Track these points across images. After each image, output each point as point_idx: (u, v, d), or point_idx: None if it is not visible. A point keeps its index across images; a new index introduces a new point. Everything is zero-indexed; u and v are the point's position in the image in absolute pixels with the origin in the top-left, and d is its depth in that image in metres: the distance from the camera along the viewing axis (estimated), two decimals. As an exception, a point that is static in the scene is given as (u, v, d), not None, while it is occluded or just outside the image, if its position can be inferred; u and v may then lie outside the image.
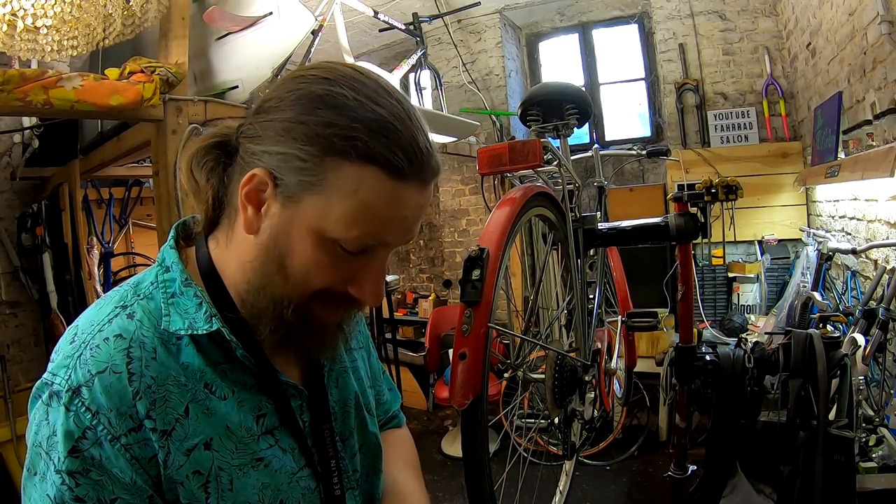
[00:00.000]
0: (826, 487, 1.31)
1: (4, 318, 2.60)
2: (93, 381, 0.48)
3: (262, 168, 0.50)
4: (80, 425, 0.47)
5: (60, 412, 0.48)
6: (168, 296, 0.54)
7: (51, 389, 0.49)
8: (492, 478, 0.92)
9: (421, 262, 4.72)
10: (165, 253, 0.57)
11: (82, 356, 0.49)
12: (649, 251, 2.89)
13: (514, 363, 1.22)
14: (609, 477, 2.82)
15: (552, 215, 1.28)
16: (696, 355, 1.61)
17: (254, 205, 0.51)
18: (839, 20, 2.19)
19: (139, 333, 0.51)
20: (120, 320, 0.52)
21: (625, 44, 3.88)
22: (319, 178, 0.48)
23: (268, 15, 1.92)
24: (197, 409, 0.52)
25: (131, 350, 0.50)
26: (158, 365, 0.51)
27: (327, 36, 2.66)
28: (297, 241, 0.51)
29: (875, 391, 1.73)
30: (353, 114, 0.48)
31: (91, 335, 0.51)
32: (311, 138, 0.48)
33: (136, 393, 0.49)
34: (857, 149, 1.96)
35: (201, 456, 0.51)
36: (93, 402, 0.48)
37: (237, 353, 0.54)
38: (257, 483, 0.54)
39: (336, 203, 0.49)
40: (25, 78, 1.33)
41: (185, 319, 0.53)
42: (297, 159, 0.48)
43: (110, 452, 0.47)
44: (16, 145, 2.62)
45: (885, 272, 1.80)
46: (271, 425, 0.56)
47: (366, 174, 0.48)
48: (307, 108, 0.49)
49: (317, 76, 0.50)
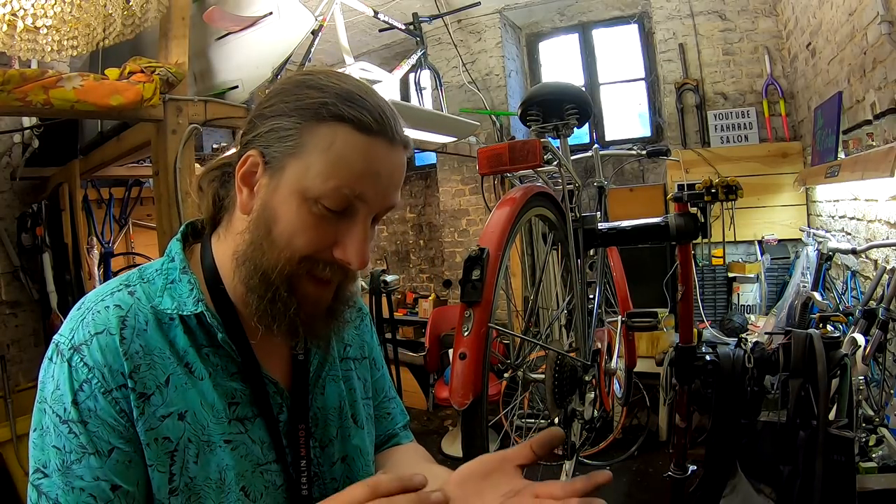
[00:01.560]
0: (826, 487, 1.31)
1: (4, 318, 2.60)
2: (91, 340, 0.54)
3: (255, 149, 0.57)
4: (79, 379, 0.53)
5: (64, 367, 0.53)
6: (168, 281, 0.60)
7: (57, 348, 0.55)
8: (492, 478, 0.91)
9: (421, 262, 4.72)
10: (172, 245, 0.63)
11: (84, 319, 0.55)
12: (649, 251, 2.89)
13: (514, 363, 1.22)
14: (609, 477, 2.82)
15: (552, 215, 1.28)
16: (696, 355, 1.61)
17: (248, 186, 0.57)
18: (839, 20, 2.19)
19: (135, 307, 0.57)
20: (121, 294, 0.58)
21: (625, 44, 3.88)
22: (298, 143, 0.54)
23: (268, 15, 1.92)
24: (176, 381, 0.56)
25: (126, 319, 0.55)
26: (148, 336, 0.56)
27: (327, 36, 2.66)
28: (282, 205, 0.55)
29: (875, 391, 1.73)
30: (325, 88, 0.55)
31: (95, 303, 0.57)
32: (291, 111, 0.55)
33: (125, 353, 0.54)
34: (857, 149, 1.96)
35: (174, 424, 0.55)
36: (90, 359, 0.53)
37: (218, 338, 0.58)
38: (221, 462, 0.56)
39: (314, 161, 0.54)
40: (25, 78, 1.33)
41: (176, 301, 0.58)
42: (281, 130, 0.55)
43: (103, 404, 0.52)
44: (16, 145, 2.62)
45: (885, 272, 1.80)
46: (243, 414, 0.59)
47: (338, 130, 0.54)
48: (289, 92, 0.56)
49: (297, 73, 0.60)
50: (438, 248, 4.50)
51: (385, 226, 4.85)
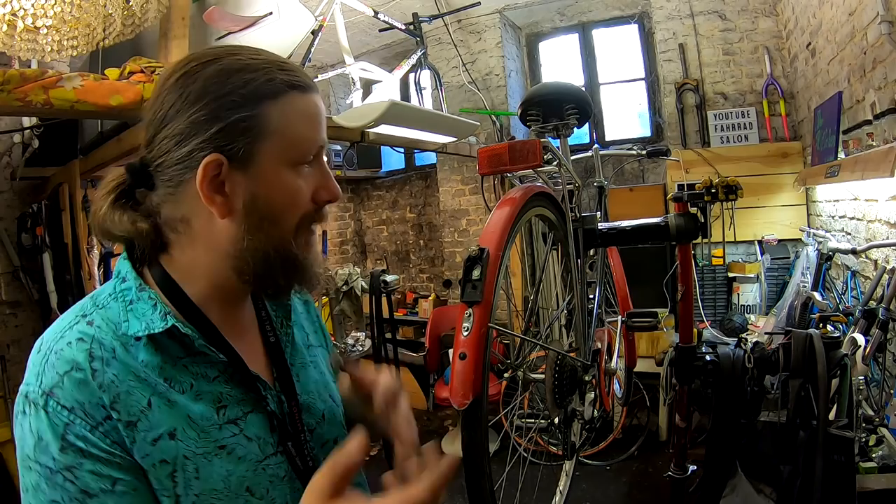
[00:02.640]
0: (826, 487, 1.31)
1: (4, 318, 2.60)
2: (62, 380, 0.51)
3: (209, 156, 0.54)
4: (61, 423, 0.50)
5: (41, 416, 0.50)
6: (126, 303, 0.57)
7: (27, 399, 0.52)
8: (492, 478, 0.92)
9: (421, 262, 4.72)
10: (120, 265, 0.60)
11: (48, 361, 0.52)
12: (649, 251, 2.89)
13: (514, 363, 1.22)
14: (609, 477, 2.82)
15: (552, 215, 1.28)
16: (696, 355, 1.61)
17: (218, 192, 0.56)
18: (839, 20, 2.19)
19: (98, 336, 0.54)
20: (80, 326, 0.55)
21: (625, 44, 3.88)
22: (263, 125, 0.55)
23: (268, 15, 1.92)
24: (159, 401, 0.54)
25: (92, 350, 0.53)
26: (118, 363, 0.54)
27: (327, 36, 2.66)
28: (272, 186, 0.57)
29: (875, 391, 1.73)
30: (257, 66, 0.56)
31: (55, 342, 0.54)
32: (243, 100, 0.55)
33: (101, 386, 0.52)
34: (857, 149, 1.96)
35: (167, 445, 0.53)
36: (66, 400, 0.51)
37: (196, 345, 0.57)
38: (222, 470, 0.56)
39: (288, 132, 0.57)
40: (25, 78, 1.33)
41: (142, 321, 0.56)
42: (239, 123, 0.55)
43: (95, 440, 0.51)
44: (16, 145, 2.62)
45: (885, 272, 1.80)
46: (234, 416, 0.59)
47: (290, 99, 0.57)
48: (219, 84, 0.55)
49: (198, 64, 0.56)
50: (438, 248, 4.50)
51: (385, 226, 4.85)
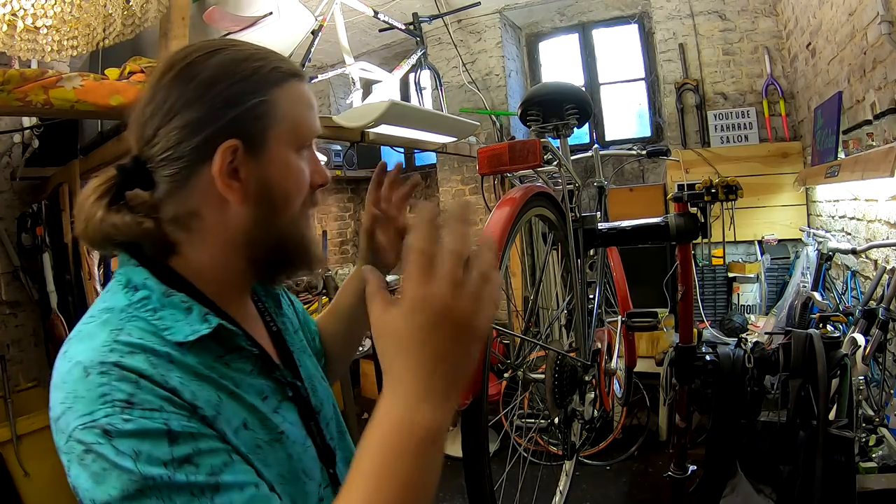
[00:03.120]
0: (826, 487, 1.31)
1: (4, 318, 2.60)
2: (137, 387, 0.47)
3: (227, 142, 0.54)
4: (161, 421, 0.46)
5: (129, 429, 0.45)
6: (151, 312, 0.53)
7: (95, 430, 0.45)
8: (492, 478, 0.92)
9: (421, 262, 4.71)
10: (131, 274, 0.56)
11: (107, 383, 0.46)
12: (649, 251, 2.89)
13: (514, 363, 1.22)
14: (609, 477, 2.82)
15: (552, 215, 1.28)
16: (696, 355, 1.61)
17: (233, 177, 0.55)
18: (839, 20, 2.19)
19: (148, 345, 0.50)
20: (123, 338, 0.50)
21: (625, 44, 3.88)
22: (273, 111, 0.57)
23: (268, 15, 1.92)
24: (224, 394, 0.53)
25: (150, 359, 0.49)
26: (177, 367, 0.51)
27: (327, 36, 2.66)
28: (283, 168, 0.58)
29: (875, 391, 1.73)
30: (258, 54, 0.58)
31: (105, 357, 0.48)
32: (256, 86, 0.56)
33: (175, 390, 0.49)
34: (857, 149, 1.96)
35: (244, 435, 0.53)
36: (152, 402, 0.47)
37: (238, 342, 0.57)
38: (283, 456, 0.57)
39: (293, 117, 0.59)
40: (25, 78, 1.33)
41: (186, 325, 0.53)
42: (254, 109, 0.56)
43: (196, 424, 0.48)
44: (16, 145, 2.62)
45: (885, 272, 1.80)
46: (274, 406, 0.59)
47: (291, 86, 0.59)
48: (231, 71, 0.56)
49: (203, 55, 0.56)
50: (438, 248, 4.49)
51: (385, 226, 4.85)
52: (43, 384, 2.68)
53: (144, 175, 0.56)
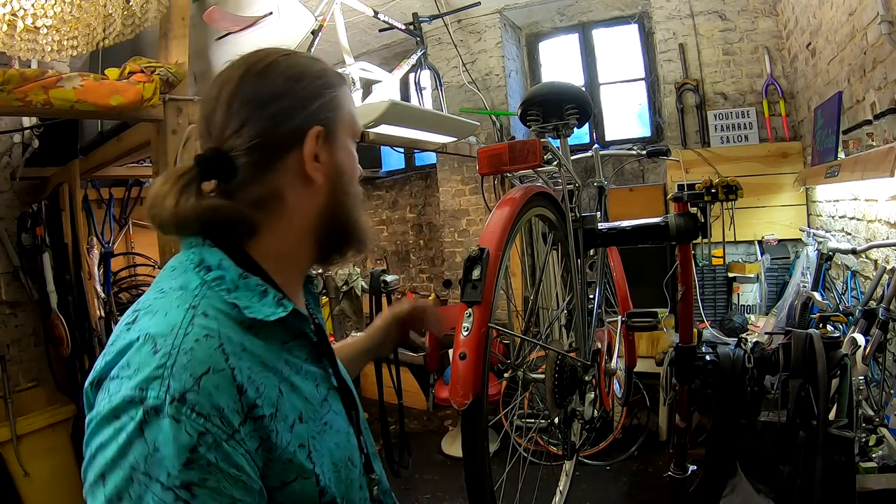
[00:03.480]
0: (826, 487, 1.31)
1: (4, 318, 2.60)
2: (197, 384, 0.47)
3: (316, 127, 0.61)
4: (194, 432, 0.46)
5: (164, 426, 0.45)
6: (225, 292, 0.55)
7: (144, 407, 0.46)
8: (492, 478, 0.92)
9: (421, 262, 4.72)
10: (205, 254, 0.57)
11: (177, 363, 0.47)
12: (649, 251, 2.89)
13: (514, 363, 1.22)
14: (609, 477, 2.82)
15: (552, 215, 1.28)
16: (696, 355, 1.60)
17: (317, 160, 0.62)
18: (839, 20, 2.19)
19: (222, 330, 0.52)
20: (200, 320, 0.51)
21: (625, 44, 3.88)
22: (340, 104, 0.65)
23: (268, 15, 1.92)
24: (285, 387, 0.55)
25: (224, 347, 0.50)
26: (248, 356, 0.52)
27: (327, 36, 2.66)
28: (347, 154, 0.67)
29: (875, 391, 1.73)
30: (319, 61, 0.67)
31: (178, 340, 0.49)
32: (329, 83, 0.65)
33: (241, 387, 0.50)
34: (857, 149, 1.96)
35: (300, 429, 0.55)
36: (202, 406, 0.46)
37: (304, 329, 0.61)
38: (332, 444, 0.59)
39: (349, 112, 0.67)
40: (25, 78, 1.33)
41: (261, 307, 0.56)
42: (332, 101, 0.64)
43: (228, 451, 0.47)
44: (16, 145, 2.62)
45: (885, 272, 1.80)
46: (324, 394, 0.62)
47: (343, 87, 0.67)
48: (308, 71, 0.64)
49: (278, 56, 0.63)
50: (438, 248, 4.50)
51: (385, 226, 4.85)
52: (43, 384, 2.68)
53: (225, 164, 0.59)
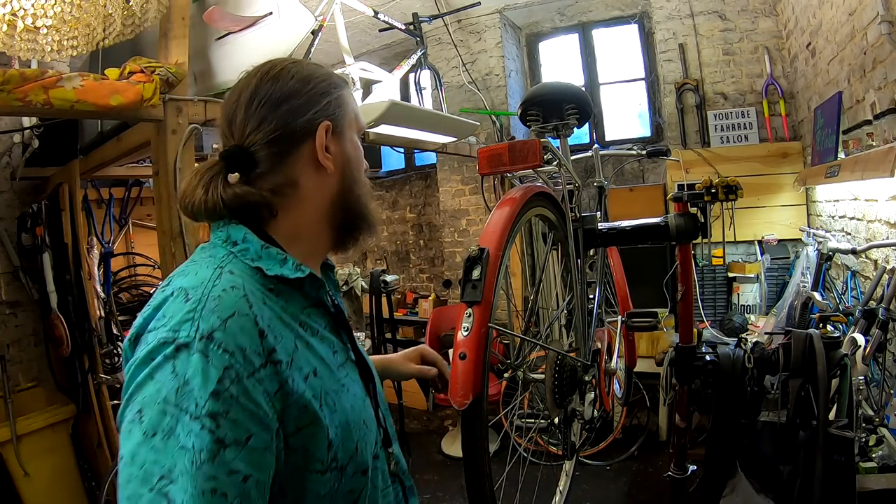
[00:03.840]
0: (826, 487, 1.31)
1: (4, 318, 2.60)
2: (224, 325, 0.54)
3: (325, 122, 0.70)
4: (220, 366, 0.52)
5: (194, 360, 0.52)
6: (249, 259, 0.64)
7: (176, 344, 0.53)
8: (492, 478, 0.92)
9: (421, 262, 4.72)
10: (231, 231, 0.66)
11: (205, 308, 0.55)
12: (649, 251, 2.89)
13: (514, 363, 1.22)
14: (609, 477, 2.82)
15: (552, 215, 1.28)
16: (696, 355, 1.60)
17: (326, 150, 0.70)
18: (839, 20, 2.19)
19: (247, 285, 0.60)
20: (227, 276, 0.60)
21: (625, 44, 3.88)
22: (345, 103, 0.74)
23: (268, 15, 1.92)
24: (301, 343, 0.62)
25: (248, 297, 0.58)
26: (268, 309, 0.60)
27: (327, 36, 2.66)
28: (354, 147, 0.75)
29: (875, 391, 1.73)
30: (322, 67, 0.75)
31: (207, 290, 0.57)
32: (334, 84, 0.74)
33: (262, 332, 0.57)
34: (857, 149, 1.96)
35: (314, 381, 0.61)
36: (228, 344, 0.53)
37: (321, 295, 0.69)
38: (347, 404, 0.65)
39: (353, 109, 0.76)
40: (25, 78, 1.33)
41: (282, 269, 0.64)
42: (337, 99, 0.73)
43: (249, 387, 0.53)
44: (16, 145, 2.62)
45: (885, 272, 1.80)
46: (341, 361, 0.69)
47: (347, 89, 0.77)
48: (316, 74, 0.72)
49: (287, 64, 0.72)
50: (438, 248, 4.50)
51: (385, 226, 4.85)
52: (43, 384, 2.68)
53: (246, 158, 0.67)
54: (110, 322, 2.56)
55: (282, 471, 0.57)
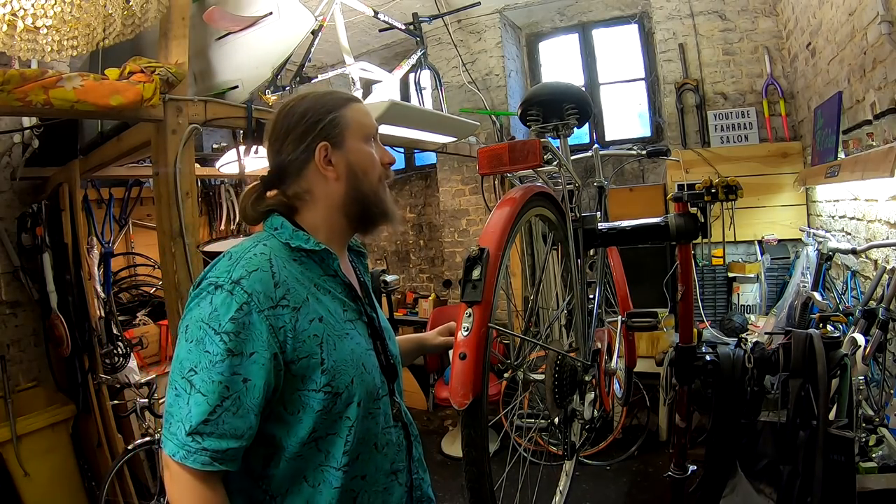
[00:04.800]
0: (826, 487, 1.31)
1: (4, 318, 2.60)
2: (248, 275, 0.79)
3: (321, 143, 0.89)
4: (240, 301, 0.76)
5: (223, 295, 0.77)
6: (284, 238, 0.88)
7: (216, 283, 0.78)
8: (492, 478, 0.92)
9: (421, 262, 4.72)
10: (274, 220, 0.91)
11: (239, 263, 0.80)
12: (649, 251, 2.89)
13: (514, 363, 1.22)
14: (609, 477, 2.82)
15: (552, 215, 1.28)
16: (696, 355, 1.60)
17: (329, 164, 0.90)
18: (839, 20, 2.19)
19: (274, 252, 0.84)
20: (261, 246, 0.85)
21: (625, 44, 3.88)
22: (344, 120, 0.92)
23: (268, 15, 1.92)
24: (312, 297, 0.85)
25: (272, 259, 0.82)
26: (288, 270, 0.83)
27: (327, 36, 2.66)
28: (356, 154, 0.93)
29: (875, 391, 1.73)
30: (331, 93, 0.95)
31: (244, 252, 0.83)
32: (330, 109, 0.92)
33: (276, 284, 0.80)
34: (857, 149, 1.96)
35: (317, 325, 0.83)
36: (249, 287, 0.78)
37: (335, 267, 0.90)
38: (347, 348, 0.86)
39: (355, 123, 0.93)
40: (25, 78, 1.33)
41: (304, 242, 0.87)
42: (332, 121, 0.91)
43: (256, 319, 0.77)
44: (16, 145, 2.62)
45: (885, 272, 1.80)
46: (351, 317, 0.91)
47: (353, 105, 0.95)
48: (316, 104, 0.92)
49: (297, 99, 0.94)
50: (438, 248, 4.50)
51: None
52: (43, 384, 2.68)
53: (275, 177, 0.92)
54: (110, 322, 2.56)
55: (282, 387, 0.79)
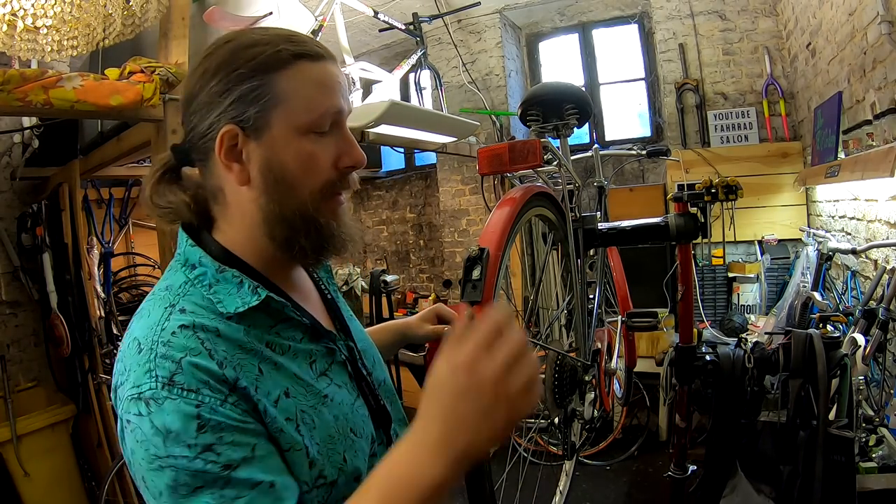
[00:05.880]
0: (826, 487, 1.31)
1: (4, 318, 2.60)
2: (180, 366, 0.52)
3: (224, 127, 0.58)
4: (192, 404, 0.50)
5: (166, 407, 0.50)
6: (206, 287, 0.59)
7: (141, 399, 0.51)
8: (492, 478, 0.92)
9: (421, 262, 4.71)
10: (188, 254, 0.62)
11: (157, 355, 0.52)
12: (649, 251, 2.89)
13: (514, 363, 1.22)
14: (609, 477, 2.82)
15: (552, 215, 1.28)
16: (696, 355, 1.61)
17: (235, 160, 0.59)
18: (839, 20, 2.19)
19: (197, 321, 0.55)
20: (175, 316, 0.56)
21: (625, 44, 3.88)
22: (273, 94, 0.58)
23: (268, 15, 1.92)
24: (267, 367, 0.58)
25: (198, 334, 0.54)
26: (223, 340, 0.56)
27: (327, 36, 2.66)
28: (283, 152, 0.59)
29: (875, 391, 1.73)
30: (264, 40, 0.59)
31: (156, 336, 0.54)
32: (251, 73, 0.57)
33: (221, 363, 0.54)
34: (857, 149, 1.96)
35: (286, 403, 0.57)
36: (190, 383, 0.51)
37: (287, 312, 0.61)
38: (330, 417, 0.61)
39: (294, 100, 0.58)
40: (25, 78, 1.33)
41: (236, 298, 0.58)
42: (249, 94, 0.57)
43: (227, 411, 0.52)
44: (16, 145, 2.62)
45: (885, 272, 1.80)
46: (323, 368, 0.64)
47: (300, 67, 0.59)
48: (230, 59, 0.58)
49: (216, 46, 0.60)
50: (438, 248, 4.50)
51: (385, 226, 4.85)
52: (43, 384, 2.68)
53: (187, 152, 0.63)
54: (110, 322, 2.56)
55: None
